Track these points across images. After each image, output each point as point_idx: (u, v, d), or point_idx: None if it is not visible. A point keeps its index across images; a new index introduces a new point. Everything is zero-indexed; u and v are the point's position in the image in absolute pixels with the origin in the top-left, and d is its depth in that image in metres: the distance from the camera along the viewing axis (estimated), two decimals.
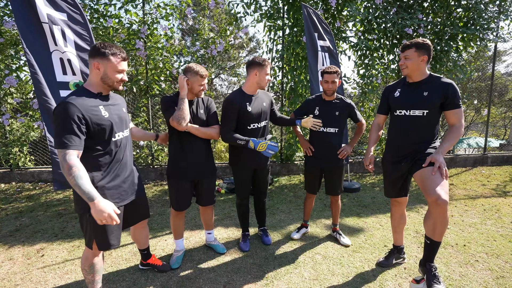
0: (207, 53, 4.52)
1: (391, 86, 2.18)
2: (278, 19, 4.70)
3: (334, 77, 2.38)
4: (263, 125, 2.35)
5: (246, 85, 2.32)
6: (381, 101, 2.25)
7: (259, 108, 2.31)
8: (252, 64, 2.27)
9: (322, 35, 3.69)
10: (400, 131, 2.05)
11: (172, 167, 2.12)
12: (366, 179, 4.92)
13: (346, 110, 2.47)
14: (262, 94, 2.42)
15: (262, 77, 2.25)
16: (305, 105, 2.57)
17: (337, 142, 2.49)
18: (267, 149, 2.17)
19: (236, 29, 4.62)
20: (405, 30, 4.79)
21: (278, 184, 4.51)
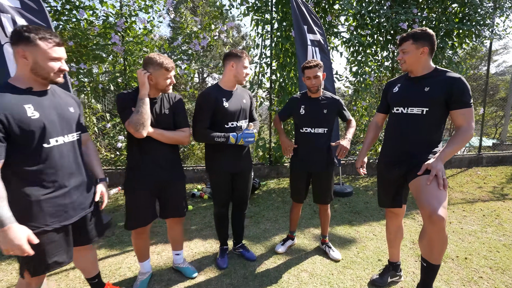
0: (190, 48, 4.22)
1: (392, 82, 1.93)
2: (266, 12, 4.42)
3: (315, 71, 2.11)
4: (242, 125, 2.08)
5: (223, 79, 2.06)
6: (382, 98, 2.00)
7: (238, 105, 2.04)
8: (229, 56, 2.02)
9: (312, 28, 3.42)
10: (396, 131, 1.80)
11: (130, 178, 1.79)
12: (359, 182, 4.68)
13: (334, 107, 2.21)
14: (242, 91, 2.16)
15: (240, 70, 1.99)
16: (289, 104, 2.30)
17: (326, 143, 2.22)
18: (245, 138, 1.97)
19: (221, 23, 4.31)
20: (399, 25, 4.55)
21: (266, 188, 4.24)
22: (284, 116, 2.34)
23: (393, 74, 5.12)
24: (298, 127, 2.24)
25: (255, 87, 4.60)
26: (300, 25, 3.31)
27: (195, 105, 2.02)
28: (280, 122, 2.36)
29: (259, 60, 4.58)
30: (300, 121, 2.20)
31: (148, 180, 1.77)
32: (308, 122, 2.18)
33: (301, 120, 2.19)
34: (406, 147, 1.74)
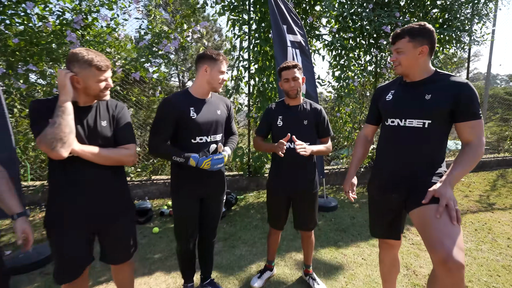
0: (159, 49, 3.81)
1: (384, 87, 1.63)
2: (243, 12, 4.10)
3: (294, 73, 1.81)
4: (215, 140, 1.72)
5: (194, 85, 1.71)
6: (370, 106, 1.70)
7: (210, 117, 1.69)
8: (202, 58, 1.67)
9: (292, 29, 3.12)
10: (391, 148, 1.49)
11: (52, 213, 1.34)
12: (343, 194, 4.41)
13: (313, 117, 1.89)
14: (217, 100, 1.81)
15: (215, 75, 1.65)
16: (265, 117, 1.96)
17: (310, 159, 1.89)
18: (212, 165, 1.60)
19: (194, 22, 3.94)
20: (382, 28, 4.37)
21: (244, 203, 3.87)
22: (263, 132, 1.98)
23: (376, 79, 4.94)
24: (276, 141, 1.90)
25: (232, 92, 4.25)
26: (279, 24, 3.00)
27: (156, 113, 1.64)
28: (262, 141, 1.98)
29: (236, 64, 4.24)
30: (278, 134, 1.86)
31: (77, 218, 1.33)
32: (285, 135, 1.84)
33: (279, 133, 1.86)
34: (404, 167, 1.44)
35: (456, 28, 4.96)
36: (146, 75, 3.76)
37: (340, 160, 6.25)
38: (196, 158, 1.58)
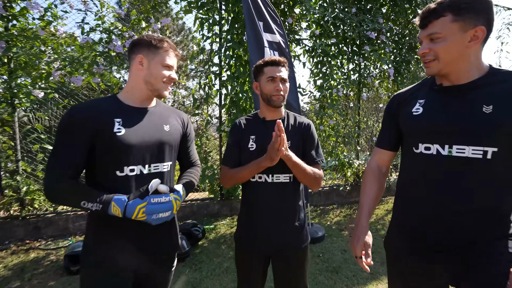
0: (110, 49, 3.13)
1: (405, 94, 1.10)
2: (213, 10, 3.55)
3: (283, 71, 1.29)
4: (160, 171, 1.11)
5: (126, 86, 1.12)
6: (384, 123, 1.17)
7: (151, 135, 1.09)
8: (136, 46, 1.09)
9: (269, 27, 2.61)
10: (427, 191, 0.96)
11: None
12: (330, 216, 3.89)
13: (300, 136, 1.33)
14: (166, 111, 1.21)
15: (155, 70, 1.08)
16: (232, 138, 1.35)
17: (295, 199, 1.32)
18: (150, 213, 0.97)
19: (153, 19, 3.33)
20: (367, 34, 4.02)
21: (215, 235, 3.21)
22: (231, 160, 1.34)
23: (360, 89, 4.58)
24: None
25: (201, 102, 3.65)
26: (254, 20, 2.47)
27: (57, 130, 1.01)
28: (231, 172, 1.32)
29: (206, 69, 3.65)
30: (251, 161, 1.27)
31: None
32: None
33: (252, 160, 1.27)
34: (453, 223, 0.91)
35: None
36: (92, 80, 3.05)
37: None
38: (122, 201, 0.96)
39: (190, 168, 1.32)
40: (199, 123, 4.10)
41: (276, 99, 1.27)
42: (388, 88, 4.90)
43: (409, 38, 4.69)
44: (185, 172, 1.30)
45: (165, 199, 1.02)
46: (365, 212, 1.10)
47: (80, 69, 2.99)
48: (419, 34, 0.97)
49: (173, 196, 1.05)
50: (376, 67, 4.66)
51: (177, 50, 1.15)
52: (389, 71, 4.22)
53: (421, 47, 0.96)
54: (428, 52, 0.94)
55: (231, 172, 1.31)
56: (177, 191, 1.09)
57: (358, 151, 4.65)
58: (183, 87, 9.31)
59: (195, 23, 3.62)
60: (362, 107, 4.85)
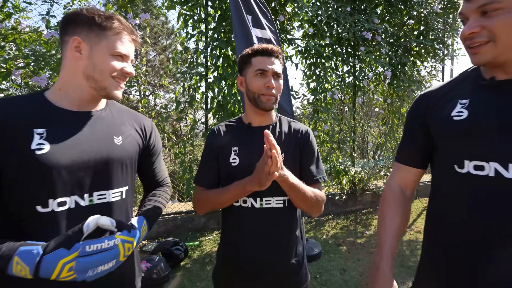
0: None
1: (438, 93, 0.83)
2: (198, 6, 3.26)
3: (277, 64, 1.01)
4: (107, 201, 0.80)
5: (57, 82, 0.80)
6: (408, 131, 0.90)
7: (93, 151, 0.77)
8: (72, 24, 0.77)
9: (259, 21, 2.33)
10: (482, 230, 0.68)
11: None
12: (325, 228, 3.62)
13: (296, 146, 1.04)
14: (119, 115, 0.90)
15: (101, 60, 0.78)
16: (208, 152, 1.05)
17: (289, 232, 1.02)
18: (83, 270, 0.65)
19: (131, 14, 3.02)
20: (363, 34, 3.81)
21: (199, 253, 2.87)
22: (206, 179, 1.04)
23: (355, 92, 4.36)
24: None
25: (185, 106, 3.34)
26: (242, 14, 2.19)
27: None
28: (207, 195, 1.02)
29: (190, 70, 3.35)
30: (232, 178, 0.98)
31: None
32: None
33: (233, 176, 0.97)
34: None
35: (433, 40, 4.63)
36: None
37: None
38: (32, 255, 0.64)
39: (156, 189, 1.02)
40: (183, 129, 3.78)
41: (265, 100, 0.98)
42: (383, 92, 4.71)
43: (404, 40, 4.52)
44: (148, 195, 0.99)
45: (108, 244, 0.70)
46: (387, 254, 0.81)
47: (46, 68, 2.65)
48: (463, 8, 0.70)
49: (121, 238, 0.74)
50: (371, 70, 4.47)
51: (134, 32, 0.84)
52: (386, 73, 4.02)
53: (467, 26, 0.68)
54: (479, 31, 0.66)
55: (206, 195, 1.01)
56: (131, 228, 0.78)
57: (354, 157, 4.42)
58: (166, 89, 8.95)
59: (178, 20, 3.33)
60: (358, 111, 4.63)
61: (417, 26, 4.82)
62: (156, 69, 11.70)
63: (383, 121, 4.69)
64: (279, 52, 1.01)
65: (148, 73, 10.68)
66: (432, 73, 4.98)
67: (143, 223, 0.85)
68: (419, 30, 4.80)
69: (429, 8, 4.51)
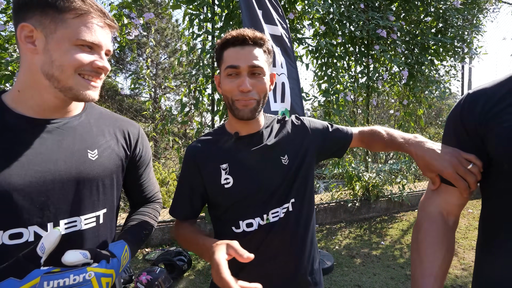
0: None
1: (496, 92, 0.62)
2: (204, 5, 3.14)
3: (254, 55, 0.76)
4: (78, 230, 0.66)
5: (15, 83, 0.65)
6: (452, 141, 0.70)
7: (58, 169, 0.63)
8: (22, 8, 0.61)
9: (271, 17, 2.19)
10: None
11: None
12: (337, 237, 3.42)
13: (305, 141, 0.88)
14: (97, 122, 0.75)
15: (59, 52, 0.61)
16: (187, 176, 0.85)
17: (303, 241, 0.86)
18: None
19: (135, 14, 2.93)
20: (377, 32, 3.61)
21: (203, 264, 2.73)
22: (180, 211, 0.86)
23: (368, 94, 4.15)
24: (222, 222, 0.85)
25: (190, 109, 3.22)
26: (253, 9, 2.04)
27: None
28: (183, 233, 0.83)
29: (196, 71, 3.24)
30: (229, 205, 0.82)
31: None
32: (247, 204, 0.80)
33: (228, 202, 0.82)
34: None
35: (452, 38, 4.36)
36: None
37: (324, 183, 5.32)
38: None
39: (143, 206, 0.88)
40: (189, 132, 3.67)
41: (241, 107, 0.77)
42: (399, 93, 4.47)
43: (421, 38, 4.28)
44: (134, 214, 0.85)
45: (74, 280, 0.56)
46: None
47: None
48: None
49: (95, 271, 0.59)
50: (386, 70, 4.25)
51: (106, 14, 0.67)
52: (402, 73, 3.80)
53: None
54: None
55: (183, 234, 0.82)
56: (109, 257, 0.63)
57: (367, 162, 4.20)
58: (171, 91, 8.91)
59: (184, 19, 3.23)
60: (371, 113, 4.41)
61: (435, 23, 4.57)
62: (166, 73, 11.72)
63: (399, 124, 4.45)
64: (258, 38, 0.78)
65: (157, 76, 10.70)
66: (452, 72, 4.70)
67: (124, 249, 0.70)
68: (437, 27, 4.55)
69: (448, 3, 4.26)
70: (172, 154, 5.18)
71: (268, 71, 0.81)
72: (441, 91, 4.43)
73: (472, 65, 5.16)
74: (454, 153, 0.65)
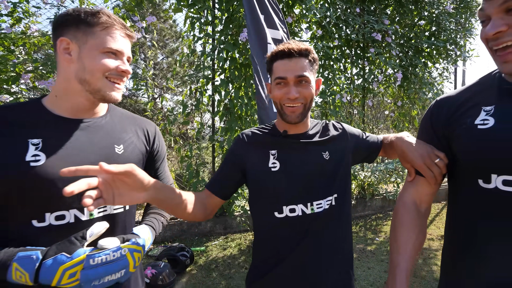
0: None
1: (458, 98, 0.75)
2: (205, 8, 3.24)
3: (302, 67, 0.84)
4: (108, 214, 0.77)
5: (53, 88, 0.75)
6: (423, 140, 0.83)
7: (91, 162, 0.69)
8: (60, 25, 0.73)
9: (272, 21, 2.29)
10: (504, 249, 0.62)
11: None
12: None
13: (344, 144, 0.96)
14: (120, 121, 0.86)
15: (90, 59, 0.73)
16: (233, 156, 0.94)
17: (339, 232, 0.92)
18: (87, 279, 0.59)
19: (138, 17, 3.01)
20: (373, 35, 3.73)
21: (205, 259, 2.83)
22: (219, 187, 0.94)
23: (364, 95, 4.27)
24: (264, 206, 0.91)
25: (191, 110, 3.31)
26: (256, 14, 2.14)
27: None
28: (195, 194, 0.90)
29: (197, 73, 3.33)
30: (271, 189, 0.89)
31: None
32: (291, 189, 0.87)
33: (273, 185, 0.88)
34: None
35: (445, 41, 4.50)
36: None
37: None
38: (32, 261, 0.60)
39: None
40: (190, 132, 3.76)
41: (289, 113, 0.85)
42: (393, 94, 4.60)
43: (415, 41, 4.41)
44: (151, 205, 0.95)
45: (114, 255, 0.66)
46: (401, 277, 0.72)
47: (54, 71, 2.65)
48: (484, 8, 0.63)
49: (129, 247, 0.69)
50: (381, 72, 4.38)
51: (126, 27, 0.78)
52: (397, 75, 3.92)
53: (491, 25, 0.61)
54: (506, 30, 0.60)
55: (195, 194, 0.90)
56: (137, 237, 0.73)
57: None
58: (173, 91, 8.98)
59: (185, 22, 3.32)
60: (367, 114, 4.54)
61: (429, 26, 4.70)
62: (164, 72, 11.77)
63: (393, 124, 4.58)
64: (303, 49, 0.85)
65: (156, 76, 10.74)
66: (444, 74, 4.84)
67: (147, 231, 0.81)
68: (431, 30, 4.68)
69: (441, 8, 4.40)
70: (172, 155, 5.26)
71: (314, 78, 0.89)
72: (434, 93, 4.56)
73: (464, 67, 5.30)
74: (427, 148, 0.76)
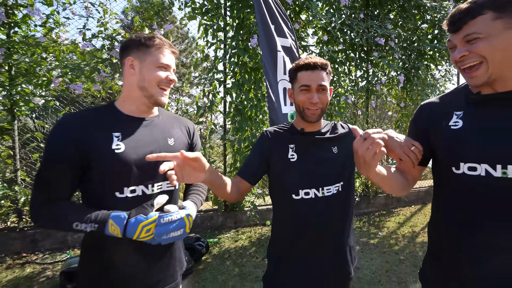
0: (112, 56, 3.05)
1: (438, 104, 0.96)
2: (217, 16, 3.47)
3: (321, 77, 1.04)
4: (163, 190, 1.00)
5: (121, 96, 1.01)
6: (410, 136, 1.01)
7: (153, 151, 0.95)
8: (125, 48, 0.98)
9: (282, 30, 2.50)
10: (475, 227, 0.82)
11: None
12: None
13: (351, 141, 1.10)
14: (169, 120, 1.09)
15: (147, 72, 0.96)
16: (258, 148, 1.14)
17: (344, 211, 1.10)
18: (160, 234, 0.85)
19: (156, 25, 3.25)
20: (376, 40, 3.92)
21: (218, 250, 3.05)
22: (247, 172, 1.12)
23: (368, 96, 4.45)
24: (284, 190, 1.10)
25: (205, 110, 3.54)
26: (267, 23, 2.36)
27: (44, 149, 0.90)
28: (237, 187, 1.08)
29: (210, 77, 3.56)
30: (290, 175, 1.08)
31: None
32: (307, 176, 1.07)
33: (291, 173, 1.08)
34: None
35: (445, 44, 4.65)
36: (93, 87, 2.97)
37: None
38: (121, 219, 0.83)
39: (195, 184, 1.20)
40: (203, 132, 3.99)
41: (310, 114, 1.05)
42: (397, 95, 4.77)
43: (418, 45, 4.58)
44: (191, 186, 1.17)
45: (177, 216, 0.88)
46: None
47: (81, 76, 2.92)
48: (451, 39, 0.83)
49: (185, 212, 0.92)
50: (384, 74, 4.55)
51: (172, 46, 1.01)
52: (399, 78, 4.10)
53: (457, 51, 0.81)
54: (468, 54, 0.79)
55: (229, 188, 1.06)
56: (187, 207, 0.96)
57: None
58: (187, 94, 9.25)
59: (199, 29, 3.55)
60: (371, 114, 4.72)
61: (431, 30, 4.85)
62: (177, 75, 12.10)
63: (397, 125, 4.75)
64: (325, 64, 1.05)
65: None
66: (447, 76, 4.99)
67: (193, 205, 1.02)
68: (433, 34, 4.83)
69: (443, 12, 4.55)
70: None
71: (329, 87, 1.08)
72: (437, 94, 4.72)
73: None
74: (405, 138, 0.95)
